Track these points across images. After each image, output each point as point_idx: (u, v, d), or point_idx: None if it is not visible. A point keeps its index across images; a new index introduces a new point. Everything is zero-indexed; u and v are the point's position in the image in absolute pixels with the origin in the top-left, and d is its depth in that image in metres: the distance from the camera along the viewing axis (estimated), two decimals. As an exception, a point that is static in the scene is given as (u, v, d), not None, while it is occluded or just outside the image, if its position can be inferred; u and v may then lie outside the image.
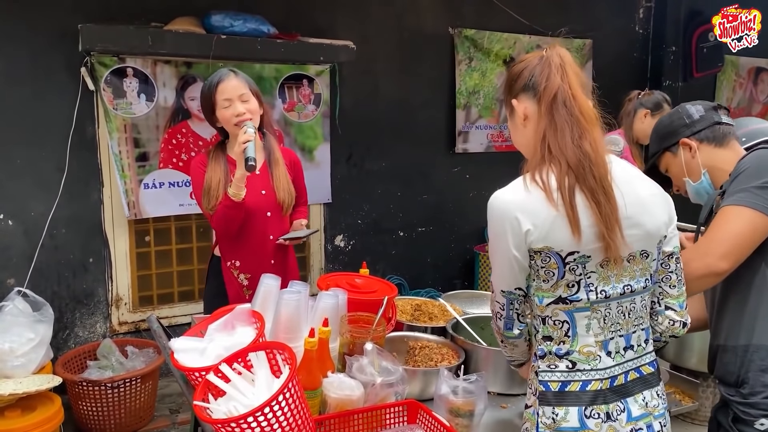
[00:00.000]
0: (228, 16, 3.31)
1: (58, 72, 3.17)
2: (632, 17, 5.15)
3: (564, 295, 1.31)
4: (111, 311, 3.46)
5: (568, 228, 1.27)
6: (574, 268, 1.30)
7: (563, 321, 1.33)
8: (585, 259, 1.30)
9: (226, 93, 2.23)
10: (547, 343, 1.35)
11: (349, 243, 4.15)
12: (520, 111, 1.39)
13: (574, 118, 1.31)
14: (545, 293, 1.33)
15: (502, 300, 1.38)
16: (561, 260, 1.29)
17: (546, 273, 1.31)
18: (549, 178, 1.30)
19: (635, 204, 1.35)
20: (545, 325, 1.35)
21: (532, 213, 1.28)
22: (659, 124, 1.83)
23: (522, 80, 1.38)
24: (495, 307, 1.41)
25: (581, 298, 1.31)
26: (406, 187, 4.30)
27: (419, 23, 4.20)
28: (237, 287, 2.36)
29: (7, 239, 3.15)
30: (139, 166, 3.38)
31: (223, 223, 2.25)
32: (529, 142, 1.40)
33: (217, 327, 1.59)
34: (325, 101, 3.87)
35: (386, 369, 1.67)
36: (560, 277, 1.30)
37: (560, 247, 1.28)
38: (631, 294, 1.37)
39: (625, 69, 5.14)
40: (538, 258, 1.30)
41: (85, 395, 3.02)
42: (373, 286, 2.11)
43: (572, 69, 1.35)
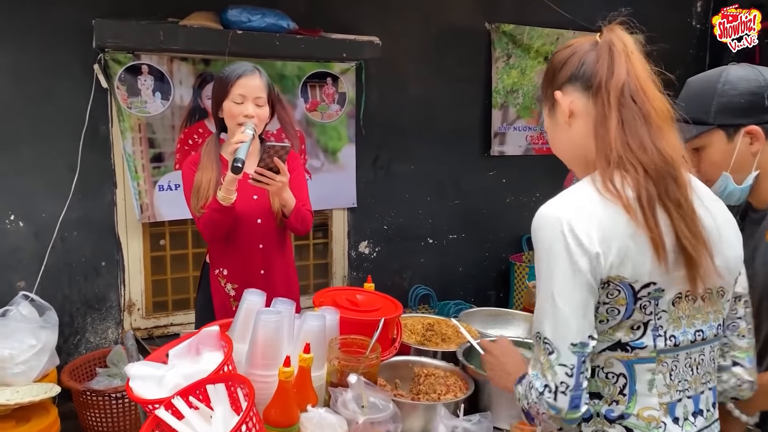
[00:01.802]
0: (246, 11, 3.15)
1: (71, 69, 3.08)
2: (688, 11, 4.77)
3: (625, 339, 1.03)
4: (123, 317, 3.35)
5: (650, 251, 0.99)
6: (646, 305, 1.02)
7: (619, 374, 1.04)
8: (659, 293, 1.02)
9: (243, 89, 2.07)
10: (594, 402, 1.06)
11: (375, 250, 3.94)
12: (565, 106, 1.13)
13: (646, 114, 1.05)
14: (601, 336, 1.03)
15: (570, 360, 0.99)
16: (633, 294, 1.01)
17: (609, 311, 1.02)
18: (624, 187, 1.02)
19: (721, 228, 1.08)
20: (594, 378, 1.06)
21: (603, 228, 1.00)
22: (723, 88, 1.33)
23: (569, 68, 1.13)
24: (555, 375, 1.00)
25: (646, 345, 1.03)
26: (436, 191, 4.06)
27: (452, 18, 3.95)
28: (223, 297, 2.18)
29: (17, 241, 3.07)
30: (153, 167, 3.26)
31: (209, 228, 2.08)
32: (575, 144, 1.14)
33: (179, 352, 1.40)
34: (350, 100, 3.68)
35: (374, 405, 1.44)
36: (626, 317, 1.02)
37: (636, 277, 1.00)
38: (702, 343, 1.09)
39: (680, 67, 4.75)
40: (604, 291, 1.01)
41: (90, 404, 2.90)
42: (375, 303, 1.89)
43: (638, 57, 1.09)
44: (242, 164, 1.87)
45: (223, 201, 1.99)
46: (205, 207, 2.06)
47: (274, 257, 2.20)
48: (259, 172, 1.95)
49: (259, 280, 2.16)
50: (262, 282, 2.15)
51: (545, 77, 1.19)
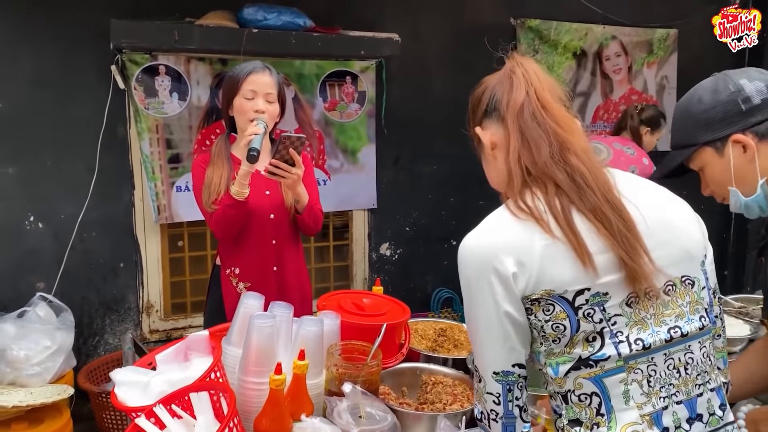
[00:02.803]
0: (262, 9, 3.11)
1: (88, 71, 3.08)
2: (725, 2, 4.55)
3: (585, 354, 0.97)
4: (142, 318, 3.34)
5: (570, 256, 0.95)
6: (590, 313, 0.96)
7: (591, 393, 0.98)
8: (601, 298, 0.95)
9: (254, 85, 2.07)
10: (576, 430, 0.99)
11: (396, 252, 3.85)
12: (486, 140, 1.14)
13: (548, 129, 1.04)
14: (560, 357, 0.99)
15: (495, 388, 1.01)
16: (569, 305, 0.96)
17: (554, 328, 0.98)
18: (535, 202, 1.01)
19: (658, 218, 1.02)
20: (569, 405, 1.00)
21: (517, 248, 0.98)
22: (697, 105, 1.29)
23: (483, 103, 1.15)
24: (485, 403, 1.03)
25: (608, 355, 0.96)
26: (459, 192, 3.95)
27: (475, 13, 3.85)
28: (235, 298, 2.12)
29: (36, 242, 3.08)
30: (171, 167, 3.24)
31: (222, 225, 2.05)
32: (503, 173, 1.12)
33: (166, 357, 1.34)
34: (370, 99, 3.60)
35: (372, 416, 1.36)
36: (574, 330, 0.96)
37: (563, 287, 0.96)
38: (683, 340, 1.00)
39: (716, 61, 4.52)
40: (538, 309, 0.98)
41: (107, 406, 2.89)
42: (381, 307, 1.81)
43: (538, 76, 1.09)
44: (258, 153, 1.87)
45: (237, 195, 1.97)
46: (216, 203, 2.04)
47: (287, 253, 2.17)
48: (274, 164, 1.92)
49: (272, 276, 2.13)
50: (274, 279, 2.13)
51: (468, 116, 1.22)
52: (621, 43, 4.25)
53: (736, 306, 2.54)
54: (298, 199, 2.09)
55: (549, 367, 1.01)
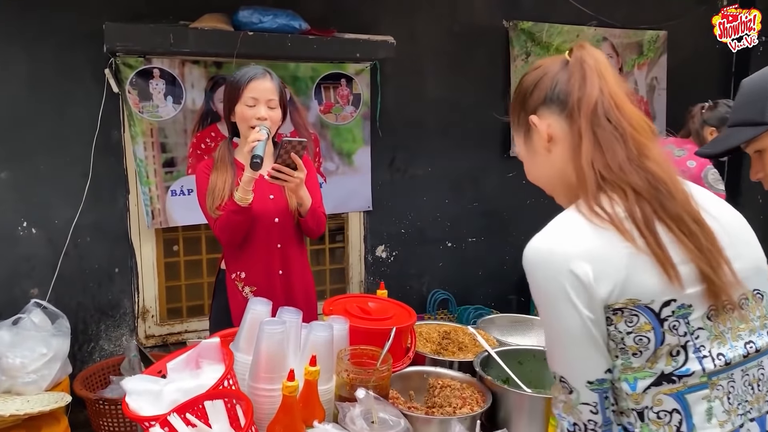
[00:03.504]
0: (257, 12, 3.09)
1: (82, 74, 3.05)
2: (714, 5, 4.60)
3: (668, 370, 0.92)
4: (137, 324, 3.30)
5: (656, 267, 0.91)
6: (675, 326, 0.92)
7: (672, 411, 0.93)
8: (686, 310, 0.93)
9: (255, 92, 2.06)
10: None
11: (392, 254, 3.85)
12: (543, 130, 1.06)
13: (624, 131, 0.99)
14: (639, 373, 0.94)
15: (591, 398, 0.93)
16: (655, 316, 0.92)
17: (637, 341, 0.92)
18: (615, 209, 0.95)
19: (735, 230, 1.01)
20: (645, 422, 0.94)
21: (597, 256, 0.93)
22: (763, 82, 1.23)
23: (542, 90, 1.06)
24: (580, 414, 0.94)
25: (693, 370, 0.93)
26: (454, 193, 3.96)
27: (469, 16, 3.86)
28: (241, 302, 2.12)
29: (30, 248, 3.04)
30: (166, 172, 3.21)
31: (228, 231, 2.05)
32: (557, 171, 1.07)
33: (177, 365, 1.33)
34: (365, 102, 3.60)
35: (385, 421, 1.36)
36: (659, 343, 0.92)
37: (650, 297, 0.91)
38: (757, 355, 0.99)
39: (705, 63, 4.60)
40: (620, 320, 0.93)
41: (104, 413, 2.86)
42: (387, 311, 1.81)
43: (610, 72, 1.03)
44: (261, 160, 1.86)
45: (241, 201, 1.97)
46: (220, 208, 2.03)
47: (293, 257, 2.17)
48: (276, 169, 1.92)
49: (278, 280, 2.13)
50: (280, 283, 2.13)
51: (515, 102, 1.12)
52: (612, 44, 4.28)
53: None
54: (301, 203, 2.09)
55: (625, 383, 0.94)
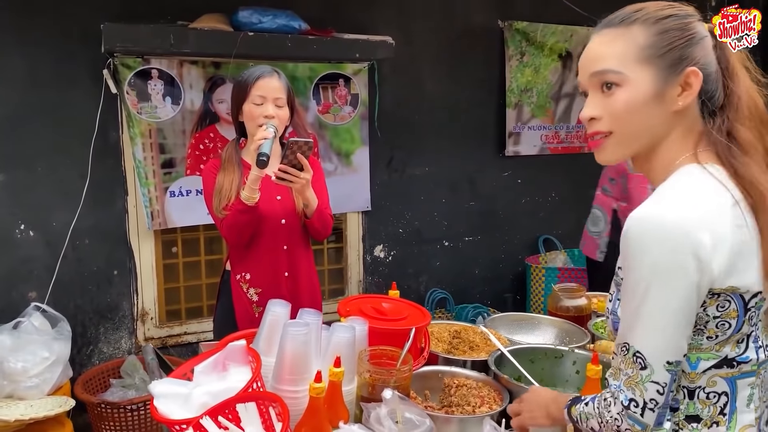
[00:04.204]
0: (256, 12, 3.09)
1: (80, 75, 3.02)
2: (703, 5, 4.67)
3: (731, 355, 0.95)
4: (136, 326, 3.28)
5: (757, 257, 0.92)
6: (752, 316, 0.94)
7: (721, 393, 0.96)
8: (762, 302, 0.95)
9: (263, 90, 2.06)
10: (693, 427, 0.97)
11: (390, 254, 3.86)
12: (696, 88, 1.00)
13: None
14: (704, 354, 0.96)
15: (664, 378, 0.93)
16: (743, 305, 0.93)
17: (719, 325, 0.94)
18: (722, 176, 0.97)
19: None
20: (693, 400, 0.97)
21: (717, 233, 0.91)
22: None
23: (706, 50, 1.04)
24: (645, 392, 0.94)
25: (750, 359, 0.95)
26: (451, 193, 3.99)
27: (466, 16, 3.88)
28: (246, 304, 2.12)
29: (28, 251, 3.01)
30: (164, 173, 3.19)
31: (235, 230, 2.04)
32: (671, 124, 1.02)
33: (205, 368, 1.33)
34: (363, 102, 3.61)
35: (410, 421, 1.37)
36: (736, 331, 0.94)
37: (747, 287, 0.92)
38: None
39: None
40: (713, 304, 0.93)
41: (105, 416, 2.84)
42: (402, 311, 1.82)
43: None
44: (267, 158, 1.86)
45: (247, 201, 1.96)
46: (227, 208, 2.02)
47: (299, 258, 2.17)
48: (282, 169, 1.92)
49: (284, 282, 2.12)
50: (286, 285, 2.12)
51: (675, 39, 1.00)
52: (604, 44, 4.32)
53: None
54: (307, 203, 2.09)
55: (685, 361, 0.96)
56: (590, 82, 1.05)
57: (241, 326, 2.09)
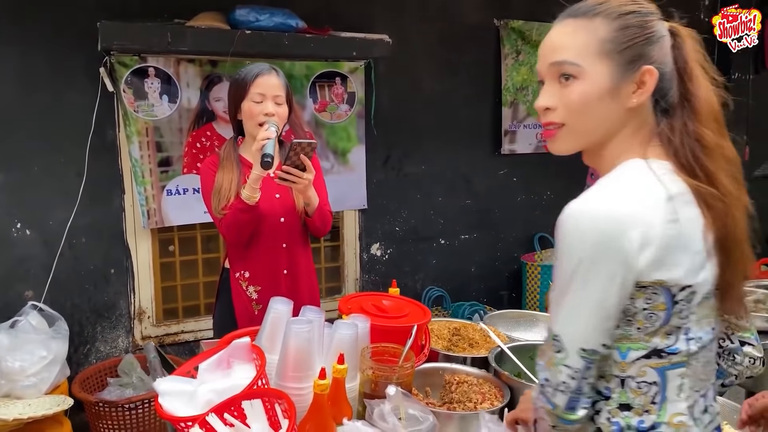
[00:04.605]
0: (253, 10, 3.09)
1: (77, 74, 3.01)
2: (696, 4, 4.71)
3: (660, 346, 0.97)
4: (134, 325, 3.28)
5: (688, 252, 0.95)
6: (681, 309, 0.97)
7: (652, 382, 0.98)
8: (692, 296, 0.97)
9: (262, 88, 2.05)
10: (624, 415, 0.99)
11: (386, 252, 3.87)
12: (651, 87, 1.00)
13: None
14: (634, 344, 0.98)
15: (577, 364, 0.96)
16: (671, 299, 0.95)
17: (647, 317, 0.96)
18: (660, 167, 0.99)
19: None
20: (624, 389, 0.99)
21: (647, 228, 0.92)
22: None
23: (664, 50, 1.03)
24: (559, 374, 0.97)
25: (680, 350, 0.98)
26: (447, 191, 4.00)
27: (461, 15, 3.89)
28: (245, 301, 2.12)
29: (24, 250, 3.00)
30: (161, 171, 3.19)
31: (234, 229, 2.03)
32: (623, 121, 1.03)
33: (209, 366, 1.33)
34: (360, 100, 3.61)
35: (413, 417, 1.38)
36: (664, 323, 0.96)
37: (676, 280, 0.95)
38: (713, 340, 1.05)
39: (688, 61, 4.69)
40: (641, 296, 0.95)
41: (103, 415, 2.83)
42: (403, 309, 1.83)
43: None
44: (272, 159, 1.85)
45: (248, 200, 1.96)
46: (226, 208, 2.02)
47: (298, 256, 2.17)
48: (285, 170, 1.92)
49: (283, 280, 2.13)
50: (285, 282, 2.12)
51: (635, 36, 1.00)
52: (599, 43, 4.35)
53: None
54: (309, 202, 2.09)
55: (617, 351, 0.98)
56: (548, 72, 1.06)
57: (241, 324, 2.09)
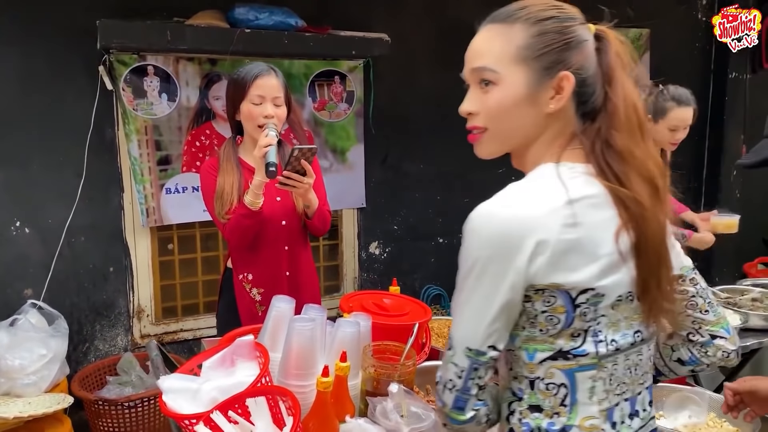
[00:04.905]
0: (253, 9, 3.09)
1: (76, 72, 3.00)
2: (694, 4, 4.72)
3: (566, 348, 0.97)
4: (132, 323, 3.28)
5: (586, 256, 0.94)
6: (585, 312, 0.96)
7: (560, 384, 0.98)
8: (598, 299, 0.96)
9: (261, 89, 2.04)
10: (535, 416, 0.99)
11: (385, 250, 3.88)
12: (568, 92, 1.00)
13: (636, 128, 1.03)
14: (540, 345, 0.98)
15: (463, 363, 0.97)
16: (571, 301, 0.95)
17: (547, 319, 0.96)
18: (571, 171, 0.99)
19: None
20: (534, 390, 0.99)
21: (544, 233, 0.92)
22: None
23: (584, 57, 1.02)
24: (447, 372, 0.99)
25: (588, 352, 0.97)
26: (446, 190, 4.01)
27: (460, 13, 3.88)
28: (249, 303, 2.13)
29: (23, 248, 3.00)
30: (160, 169, 3.19)
31: (238, 234, 2.04)
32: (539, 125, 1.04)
33: (213, 364, 1.34)
34: (359, 99, 3.62)
35: (415, 415, 1.39)
36: (567, 326, 0.96)
37: (574, 283, 0.94)
38: (641, 343, 1.05)
39: (686, 60, 4.72)
40: (538, 299, 0.95)
41: (102, 414, 2.84)
42: (404, 307, 1.84)
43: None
44: (276, 167, 1.86)
45: (252, 206, 1.96)
46: (229, 212, 2.02)
47: (300, 257, 2.18)
48: (286, 176, 1.92)
49: (285, 282, 2.13)
50: (287, 284, 2.13)
51: (552, 42, 0.99)
52: (597, 42, 4.36)
53: (723, 297, 2.66)
54: (309, 205, 2.10)
55: (524, 351, 0.99)
56: (470, 77, 1.07)
57: (244, 324, 2.10)
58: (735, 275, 4.31)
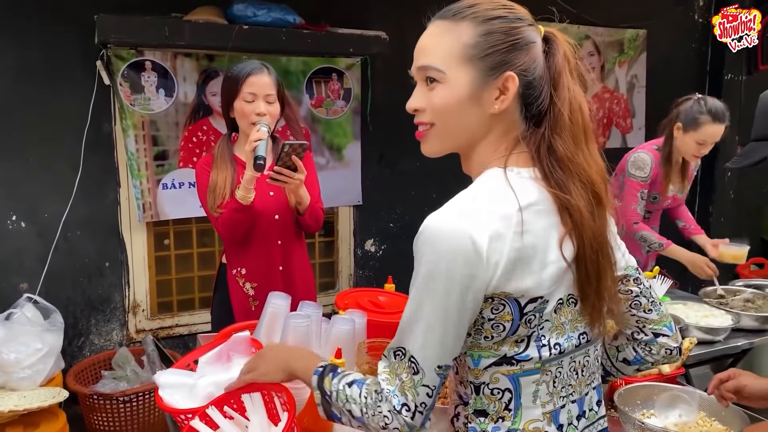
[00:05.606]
0: (251, 5, 3.09)
1: (73, 66, 3.00)
2: (691, 5, 4.74)
3: (510, 353, 0.97)
4: (128, 318, 3.29)
5: (535, 265, 0.94)
6: (531, 319, 0.96)
7: (504, 389, 0.98)
8: (543, 305, 0.96)
9: (253, 87, 2.05)
10: (480, 421, 0.99)
11: (381, 248, 3.90)
12: (512, 94, 0.99)
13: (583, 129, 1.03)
14: (485, 352, 0.97)
15: (433, 382, 0.93)
16: (519, 309, 0.95)
17: (494, 327, 0.95)
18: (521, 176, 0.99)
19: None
20: (479, 396, 0.99)
21: (496, 241, 0.91)
22: None
23: (531, 57, 1.01)
24: (417, 396, 0.94)
25: (531, 357, 0.97)
26: (441, 188, 3.98)
27: (458, 12, 3.91)
28: (242, 297, 2.14)
29: (19, 242, 3.00)
30: (157, 165, 3.19)
31: (230, 228, 2.05)
32: (485, 125, 1.02)
33: (209, 359, 1.35)
34: (356, 96, 3.62)
35: (409, 411, 1.40)
36: (512, 332, 0.96)
37: (523, 291, 0.94)
38: (587, 345, 1.05)
39: (683, 62, 4.74)
40: (487, 307, 0.94)
41: (97, 408, 2.85)
42: (399, 304, 1.86)
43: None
44: (264, 161, 1.87)
45: (243, 200, 1.97)
46: (221, 206, 2.03)
47: (293, 253, 2.19)
48: (277, 171, 1.93)
49: (278, 276, 2.14)
50: (281, 279, 2.14)
51: (499, 42, 0.98)
52: (594, 42, 4.38)
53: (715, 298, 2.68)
54: (300, 201, 2.10)
55: (470, 358, 0.98)
56: (417, 74, 1.05)
57: (238, 319, 2.11)
58: (728, 276, 4.34)
